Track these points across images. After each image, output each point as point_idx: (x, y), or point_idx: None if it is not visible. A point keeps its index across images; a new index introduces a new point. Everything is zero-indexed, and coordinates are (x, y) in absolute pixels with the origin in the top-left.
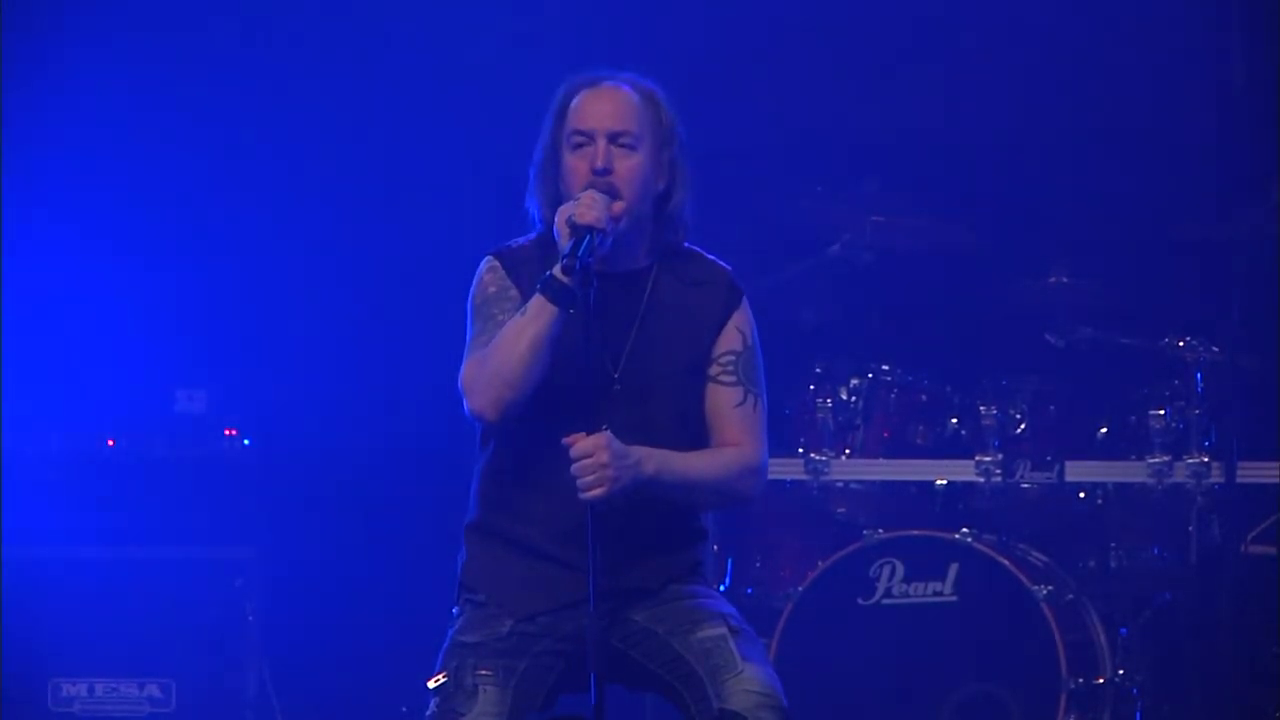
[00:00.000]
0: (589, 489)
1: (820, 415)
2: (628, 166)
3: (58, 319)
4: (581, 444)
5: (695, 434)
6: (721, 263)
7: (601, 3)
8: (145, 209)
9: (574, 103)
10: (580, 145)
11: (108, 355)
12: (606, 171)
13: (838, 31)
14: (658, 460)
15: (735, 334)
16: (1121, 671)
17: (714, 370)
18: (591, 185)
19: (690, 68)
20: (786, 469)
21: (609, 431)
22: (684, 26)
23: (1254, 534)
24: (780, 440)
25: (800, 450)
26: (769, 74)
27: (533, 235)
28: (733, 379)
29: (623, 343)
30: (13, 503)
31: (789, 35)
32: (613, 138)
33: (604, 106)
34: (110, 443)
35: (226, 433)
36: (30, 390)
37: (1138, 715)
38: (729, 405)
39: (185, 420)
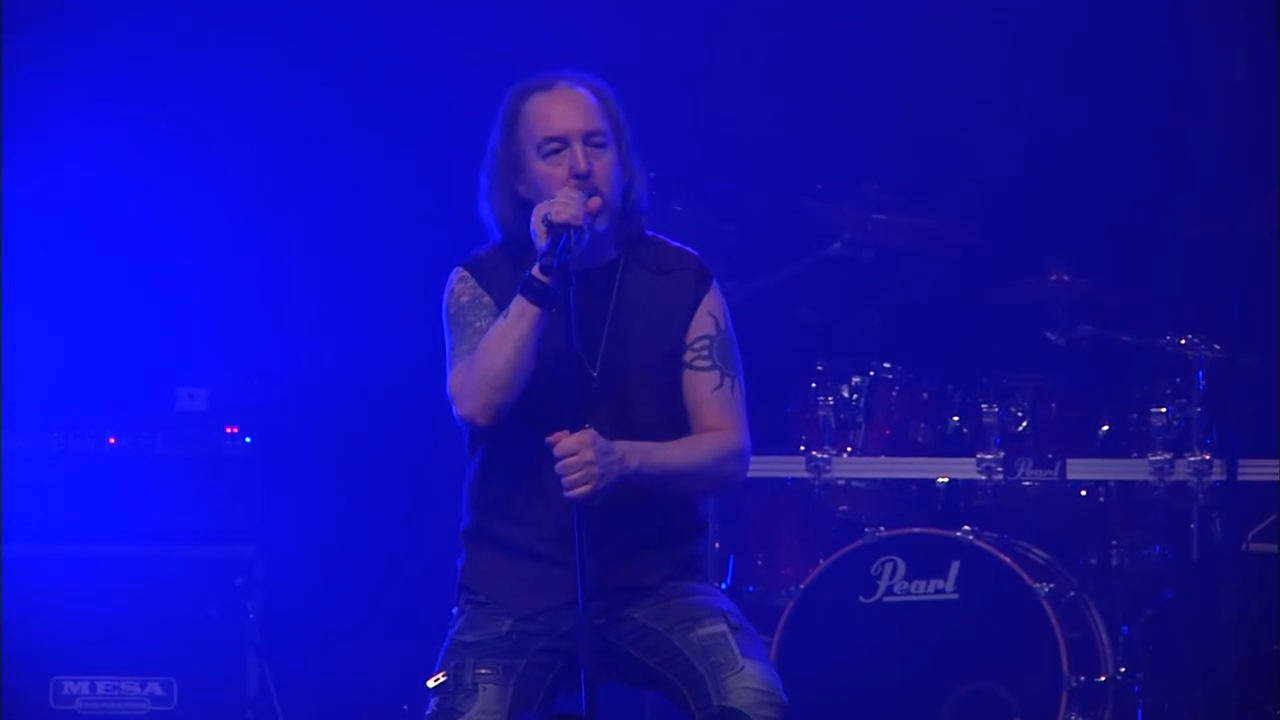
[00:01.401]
0: (575, 487)
1: (822, 413)
2: (603, 165)
3: (58, 316)
4: (565, 442)
5: (677, 422)
6: (688, 248)
7: (601, 1)
8: (145, 207)
9: (532, 108)
10: (555, 151)
11: (109, 353)
12: (589, 174)
13: (840, 30)
14: (641, 453)
15: (707, 318)
16: (1123, 669)
17: (689, 356)
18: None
19: (692, 66)
20: (788, 467)
21: (591, 429)
22: (686, 25)
23: (1255, 531)
24: (781, 438)
25: (802, 448)
26: (771, 72)
27: (495, 242)
28: (708, 363)
29: (597, 338)
30: (13, 500)
31: (791, 33)
32: (586, 138)
33: (572, 108)
34: (111, 440)
35: (227, 431)
36: (31, 387)
37: (1139, 713)
38: (707, 390)
39: (186, 418)
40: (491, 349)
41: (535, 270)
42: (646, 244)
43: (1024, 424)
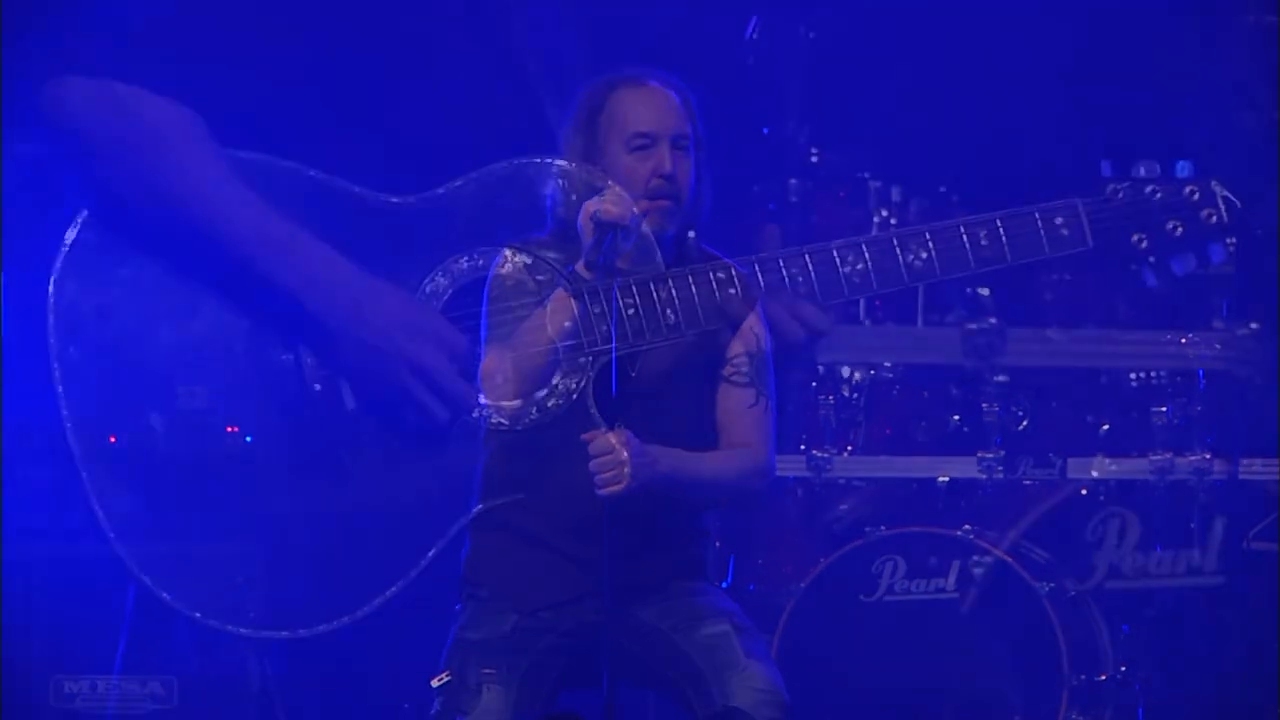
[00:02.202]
0: (607, 485)
1: (822, 412)
2: (685, 169)
3: None
4: (600, 440)
5: (705, 431)
6: (736, 264)
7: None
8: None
9: (621, 101)
10: (643, 148)
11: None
12: (674, 175)
13: (839, 29)
14: (672, 459)
15: (750, 335)
16: (1124, 668)
17: (727, 370)
18: (657, 190)
19: (694, 63)
20: (788, 466)
21: (626, 429)
22: (685, 23)
23: (1256, 531)
24: (782, 437)
25: (802, 447)
26: (771, 71)
27: (549, 229)
28: (745, 379)
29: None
30: (13, 498)
31: (789, 32)
32: (674, 140)
33: (665, 108)
34: (112, 439)
35: (228, 429)
36: (32, 385)
37: (1140, 712)
38: (741, 406)
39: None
40: (528, 340)
41: (579, 265)
42: (698, 254)
43: (1025, 423)
